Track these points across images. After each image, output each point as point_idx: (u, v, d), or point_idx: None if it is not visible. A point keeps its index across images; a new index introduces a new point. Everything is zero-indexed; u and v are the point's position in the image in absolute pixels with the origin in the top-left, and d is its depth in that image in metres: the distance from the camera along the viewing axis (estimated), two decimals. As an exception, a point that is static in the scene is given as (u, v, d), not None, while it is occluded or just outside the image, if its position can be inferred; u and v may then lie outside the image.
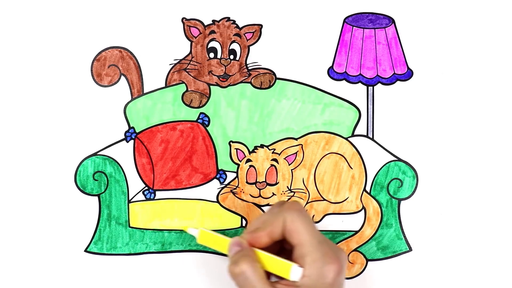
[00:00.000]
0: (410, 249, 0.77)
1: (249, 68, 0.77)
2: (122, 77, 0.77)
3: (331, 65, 0.78)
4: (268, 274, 0.66)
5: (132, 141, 0.77)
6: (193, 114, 0.78)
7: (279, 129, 0.78)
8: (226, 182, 0.77)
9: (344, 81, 0.78)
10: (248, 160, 0.77)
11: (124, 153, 0.77)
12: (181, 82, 0.77)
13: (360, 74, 0.77)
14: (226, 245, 0.68)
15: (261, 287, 0.63)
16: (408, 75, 0.78)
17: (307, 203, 0.78)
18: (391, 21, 0.78)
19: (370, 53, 0.78)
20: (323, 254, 0.63)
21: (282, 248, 0.69)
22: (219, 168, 0.77)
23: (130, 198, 0.77)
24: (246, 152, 0.77)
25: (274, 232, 0.65)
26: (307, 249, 0.63)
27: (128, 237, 0.77)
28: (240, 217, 0.78)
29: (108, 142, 0.77)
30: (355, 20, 0.77)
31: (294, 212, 0.65)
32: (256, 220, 0.68)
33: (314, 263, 0.63)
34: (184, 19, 0.77)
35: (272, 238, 0.66)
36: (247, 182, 0.77)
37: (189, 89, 0.77)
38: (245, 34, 0.77)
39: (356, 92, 0.78)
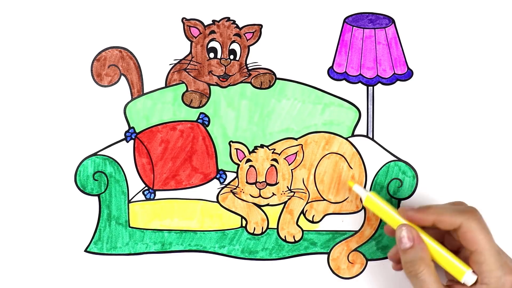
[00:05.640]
0: (410, 249, 0.77)
1: (249, 68, 0.77)
2: (122, 77, 0.77)
3: (331, 65, 0.78)
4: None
5: (132, 141, 0.77)
6: (193, 114, 0.78)
7: (279, 129, 0.78)
8: (226, 182, 0.77)
9: (344, 81, 0.78)
10: (248, 160, 0.77)
11: (124, 153, 0.77)
12: (181, 82, 0.77)
13: (360, 74, 0.77)
14: (392, 218, 0.69)
15: None
16: (408, 75, 0.78)
17: (307, 203, 0.78)
18: (391, 21, 0.78)
19: (370, 53, 0.78)
20: (502, 265, 0.64)
21: (444, 238, 0.70)
22: (219, 168, 0.77)
23: (130, 198, 0.77)
24: (246, 152, 0.77)
25: (442, 224, 0.66)
26: (486, 257, 0.64)
27: (128, 237, 0.77)
28: (240, 217, 0.78)
29: (108, 142, 0.77)
30: (355, 20, 0.77)
31: (473, 221, 0.65)
32: (432, 205, 0.69)
33: (492, 272, 0.64)
34: (184, 19, 0.77)
35: (435, 225, 0.67)
36: (247, 182, 0.77)
37: (189, 89, 0.77)
38: (245, 34, 0.77)
39: (356, 92, 0.78)
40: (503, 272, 0.64)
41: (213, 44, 0.77)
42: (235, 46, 0.77)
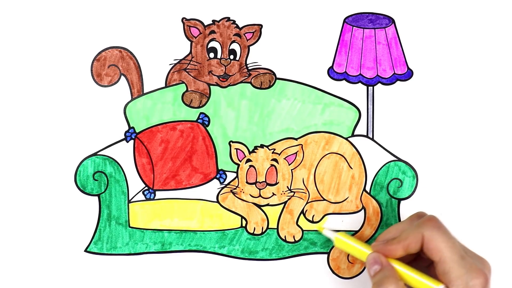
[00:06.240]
0: (410, 249, 0.77)
1: (249, 68, 0.77)
2: (122, 77, 0.77)
3: (331, 65, 0.78)
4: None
5: (132, 141, 0.77)
6: (193, 114, 0.78)
7: (279, 129, 0.78)
8: (226, 182, 0.77)
9: (344, 81, 0.78)
10: (248, 160, 0.77)
11: (124, 153, 0.77)
12: (181, 82, 0.78)
13: (360, 74, 0.77)
14: (363, 254, 0.69)
15: None
16: (408, 75, 0.78)
17: (307, 203, 0.78)
18: (391, 21, 0.78)
19: (370, 53, 0.78)
20: (467, 270, 0.63)
21: (418, 254, 0.69)
22: (219, 168, 0.77)
23: (130, 198, 0.77)
24: (246, 152, 0.77)
25: (411, 247, 0.66)
26: (450, 265, 0.63)
27: (128, 237, 0.77)
28: (240, 217, 0.78)
29: (108, 142, 0.77)
30: (355, 20, 0.77)
31: (433, 230, 0.65)
32: (393, 228, 0.69)
33: (458, 280, 0.63)
34: (184, 19, 0.77)
35: (408, 252, 0.66)
36: (247, 182, 0.77)
37: (189, 89, 0.77)
38: (245, 34, 0.77)
39: (356, 92, 0.78)
40: (470, 277, 0.62)
41: (213, 44, 0.77)
42: (235, 46, 0.77)
